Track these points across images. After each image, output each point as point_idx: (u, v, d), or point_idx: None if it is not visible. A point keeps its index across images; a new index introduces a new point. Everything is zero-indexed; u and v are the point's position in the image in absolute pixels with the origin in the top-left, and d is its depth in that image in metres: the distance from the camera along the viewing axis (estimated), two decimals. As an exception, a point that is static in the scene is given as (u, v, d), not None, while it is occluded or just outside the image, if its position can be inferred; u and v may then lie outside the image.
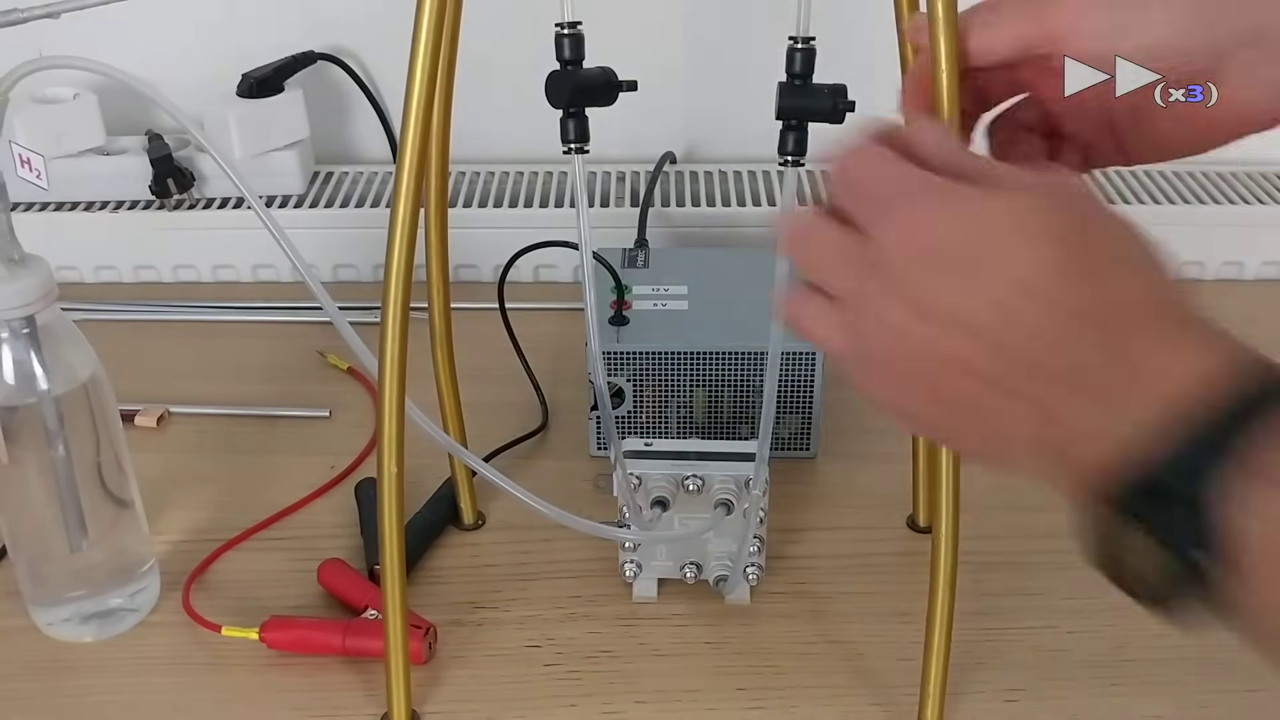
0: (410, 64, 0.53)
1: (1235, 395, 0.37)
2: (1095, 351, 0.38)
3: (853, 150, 0.44)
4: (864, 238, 0.42)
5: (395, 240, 0.55)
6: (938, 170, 0.42)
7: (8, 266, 0.63)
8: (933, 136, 0.44)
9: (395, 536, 0.60)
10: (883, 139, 0.44)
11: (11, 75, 0.60)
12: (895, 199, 0.41)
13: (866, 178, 0.43)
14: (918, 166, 0.42)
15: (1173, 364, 0.38)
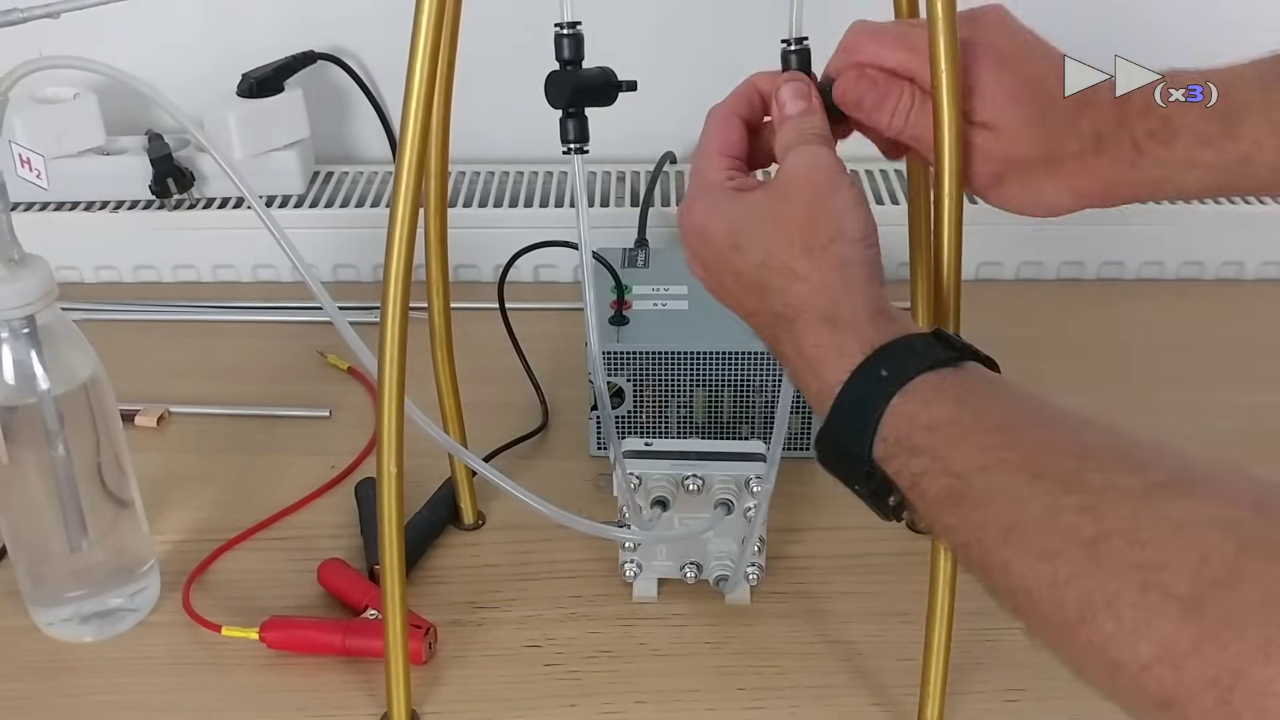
0: (410, 64, 0.53)
1: (875, 378, 0.46)
2: (787, 343, 0.51)
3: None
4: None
5: (395, 240, 0.55)
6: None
7: (8, 266, 0.63)
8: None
9: (395, 536, 0.60)
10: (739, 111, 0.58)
11: (11, 75, 0.61)
12: (692, 199, 0.55)
13: (693, 174, 0.57)
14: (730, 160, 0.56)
15: (827, 359, 0.48)
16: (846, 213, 0.52)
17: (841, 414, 0.47)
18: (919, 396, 0.46)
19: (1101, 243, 1.07)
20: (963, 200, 0.56)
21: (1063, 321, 1.03)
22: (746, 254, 0.52)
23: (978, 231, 1.00)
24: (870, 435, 0.46)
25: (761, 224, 0.52)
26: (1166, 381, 0.94)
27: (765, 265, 0.51)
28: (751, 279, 0.52)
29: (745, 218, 0.52)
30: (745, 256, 0.52)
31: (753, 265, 0.52)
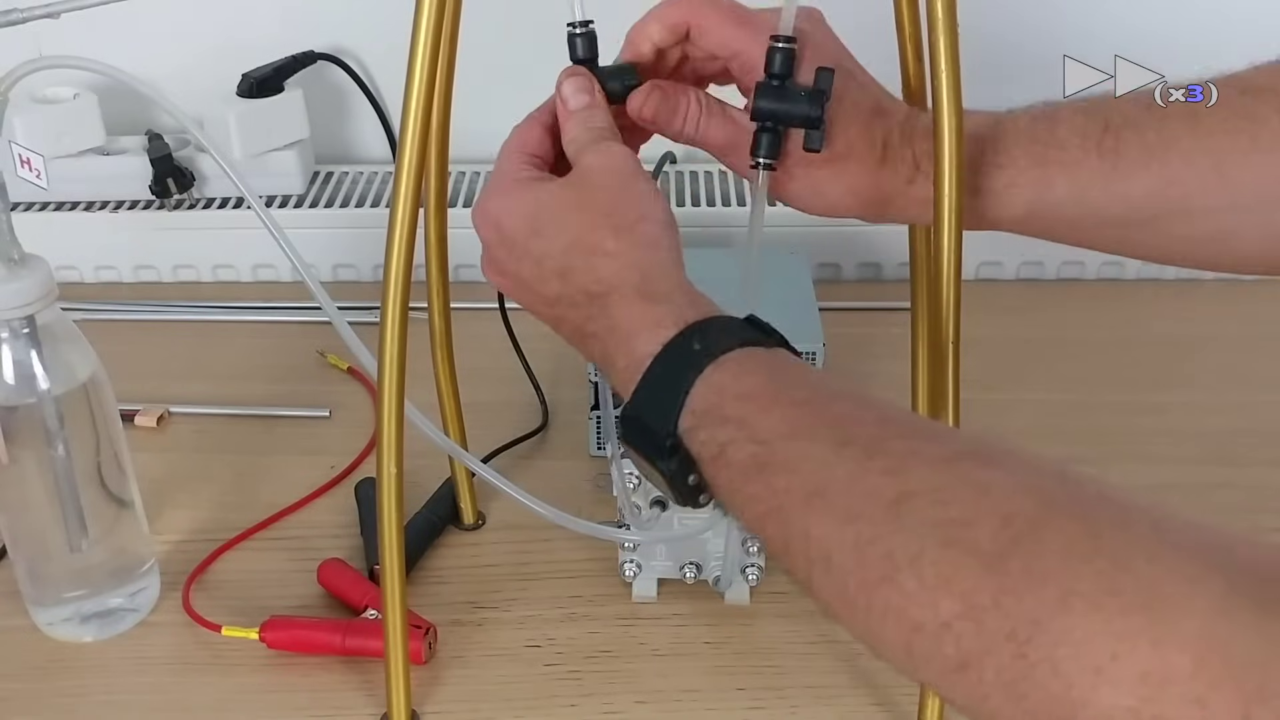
0: (410, 64, 0.53)
1: (689, 350, 0.47)
2: (598, 320, 0.50)
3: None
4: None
5: (395, 240, 0.55)
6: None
7: (8, 266, 0.63)
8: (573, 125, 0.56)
9: (395, 536, 0.60)
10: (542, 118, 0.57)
11: (12, 75, 0.61)
12: (486, 195, 0.54)
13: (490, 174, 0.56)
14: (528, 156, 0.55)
15: (639, 331, 0.48)
16: (649, 199, 0.52)
17: (651, 385, 0.47)
18: (730, 369, 0.46)
19: (1101, 243, 1.07)
20: (963, 200, 0.56)
21: (1063, 321, 1.03)
22: (549, 239, 0.51)
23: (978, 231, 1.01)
24: (679, 406, 0.46)
25: (564, 209, 0.52)
26: (1166, 381, 0.94)
27: (571, 247, 0.51)
28: (555, 264, 0.51)
29: (546, 204, 0.52)
30: (548, 241, 0.51)
31: (557, 249, 0.51)
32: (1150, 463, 0.85)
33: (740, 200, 1.08)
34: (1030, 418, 0.90)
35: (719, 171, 1.12)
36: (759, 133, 0.57)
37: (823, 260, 1.07)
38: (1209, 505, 0.81)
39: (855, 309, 1.02)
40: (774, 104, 0.55)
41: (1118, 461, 0.85)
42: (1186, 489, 0.82)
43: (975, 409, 0.74)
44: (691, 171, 1.12)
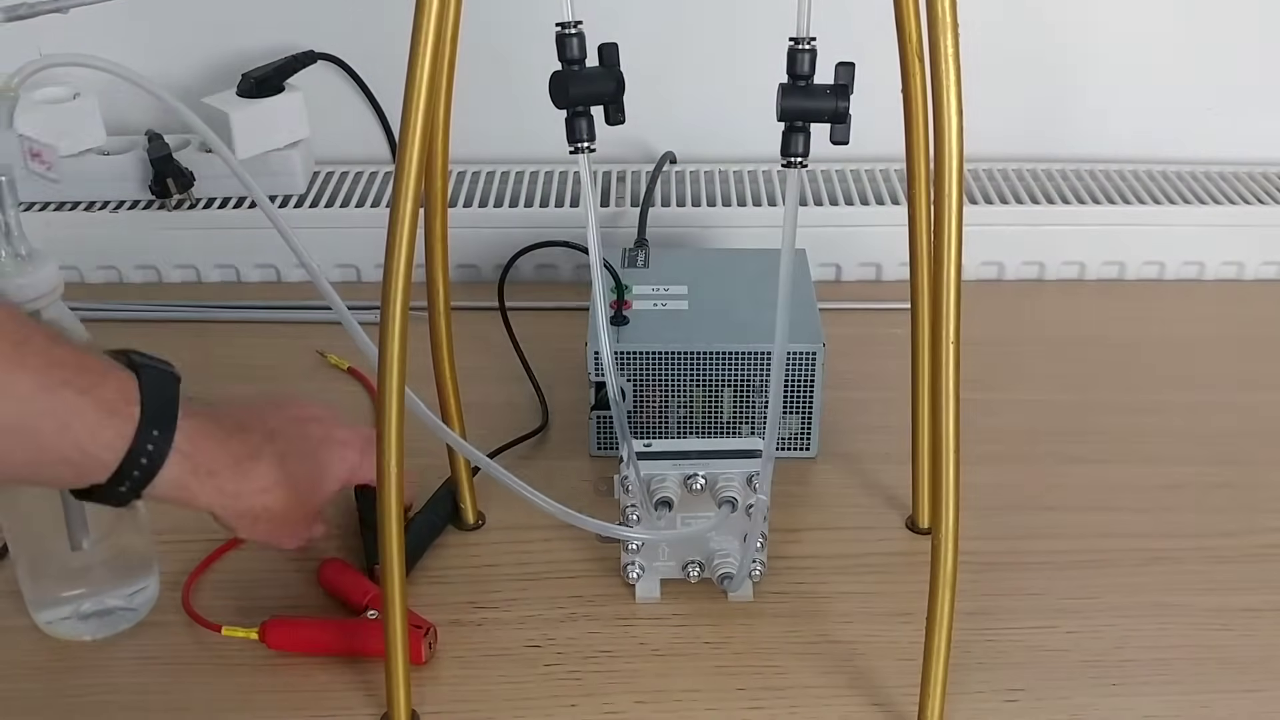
0: (410, 64, 0.53)
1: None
2: None
3: None
4: None
5: (395, 240, 0.55)
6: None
7: (15, 262, 0.63)
8: None
9: (395, 536, 0.60)
10: None
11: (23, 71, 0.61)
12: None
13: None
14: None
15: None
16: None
17: None
18: None
19: (1101, 243, 1.08)
20: (963, 200, 0.56)
21: (1063, 321, 1.03)
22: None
23: (978, 231, 1.01)
24: None
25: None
26: (1166, 381, 0.94)
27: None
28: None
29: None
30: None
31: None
32: (1150, 463, 0.85)
33: (740, 200, 1.08)
34: (1030, 418, 0.90)
35: (719, 171, 1.12)
36: (788, 132, 0.58)
37: (823, 260, 1.07)
38: (1209, 505, 0.81)
39: (855, 309, 1.02)
40: (800, 102, 0.57)
41: (1118, 461, 0.85)
42: (1186, 489, 0.82)
43: (975, 409, 0.74)
44: (691, 171, 1.12)
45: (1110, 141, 1.15)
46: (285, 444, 0.66)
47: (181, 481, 0.59)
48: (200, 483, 0.60)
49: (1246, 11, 1.10)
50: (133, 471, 0.56)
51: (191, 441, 0.58)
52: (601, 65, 0.60)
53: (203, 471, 0.60)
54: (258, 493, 0.63)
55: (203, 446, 0.60)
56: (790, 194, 0.60)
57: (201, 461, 0.59)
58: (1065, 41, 1.11)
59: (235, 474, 0.62)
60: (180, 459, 0.58)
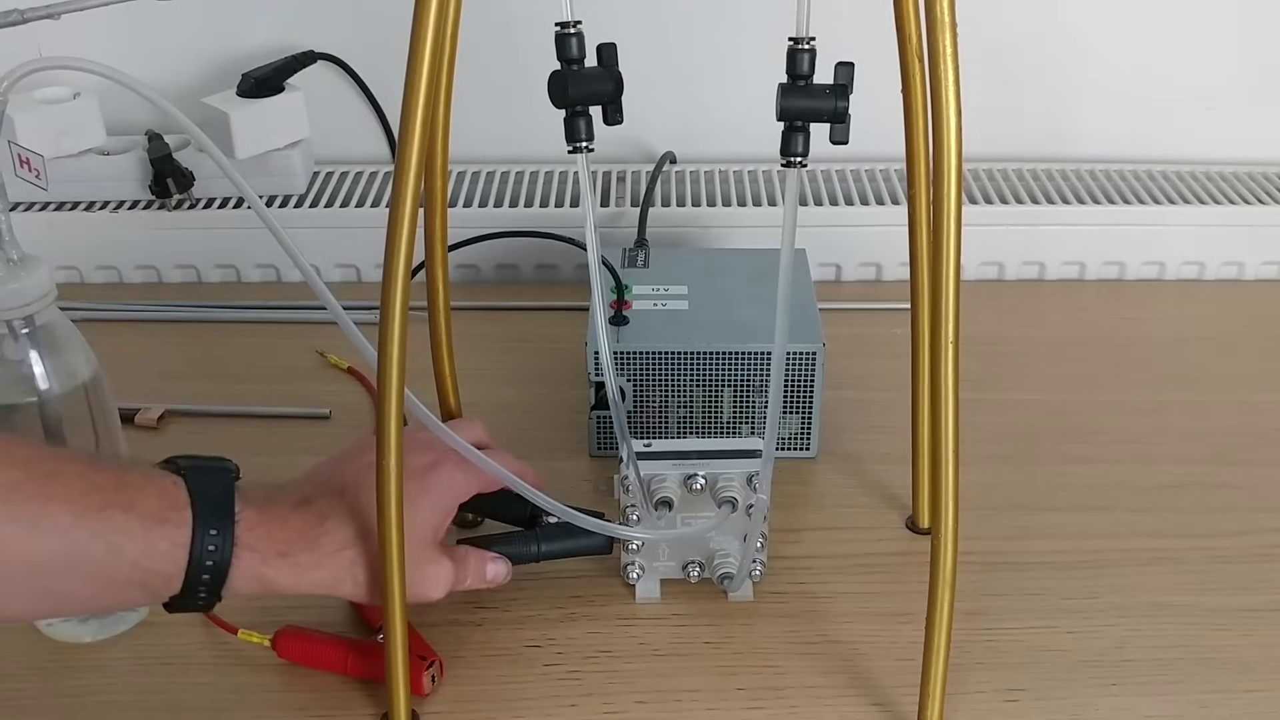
0: (410, 64, 0.53)
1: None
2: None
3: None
4: None
5: (395, 240, 0.55)
6: None
7: (7, 267, 0.63)
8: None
9: (395, 536, 0.60)
10: None
11: (11, 75, 0.60)
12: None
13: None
14: None
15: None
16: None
17: None
18: None
19: (1102, 243, 1.08)
20: (962, 200, 0.56)
21: (1063, 321, 1.03)
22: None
23: (978, 231, 1.01)
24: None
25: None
26: (1166, 381, 0.94)
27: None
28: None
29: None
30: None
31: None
32: (1150, 463, 0.85)
33: (740, 200, 1.08)
34: (1030, 418, 0.90)
35: (719, 171, 1.12)
36: (788, 132, 0.58)
37: (823, 260, 1.07)
38: (1209, 505, 0.81)
39: (855, 309, 1.02)
40: (800, 102, 0.57)
41: (1118, 461, 0.85)
42: (1186, 489, 0.82)
43: (975, 409, 0.74)
44: (691, 172, 1.12)
45: (1110, 141, 1.15)
46: (354, 493, 0.63)
47: (257, 573, 0.57)
48: (276, 570, 0.58)
49: (1246, 11, 1.10)
50: (201, 575, 0.55)
51: (253, 531, 0.57)
52: (600, 65, 0.60)
53: (274, 556, 0.58)
54: (337, 554, 0.61)
55: (267, 532, 0.58)
56: (790, 194, 0.60)
57: (271, 547, 0.58)
58: (1065, 41, 1.11)
59: (307, 546, 0.60)
60: (246, 551, 0.57)
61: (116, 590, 0.55)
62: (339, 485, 0.63)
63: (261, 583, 0.58)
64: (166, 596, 0.56)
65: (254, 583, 0.58)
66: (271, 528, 0.59)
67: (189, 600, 0.56)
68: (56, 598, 0.55)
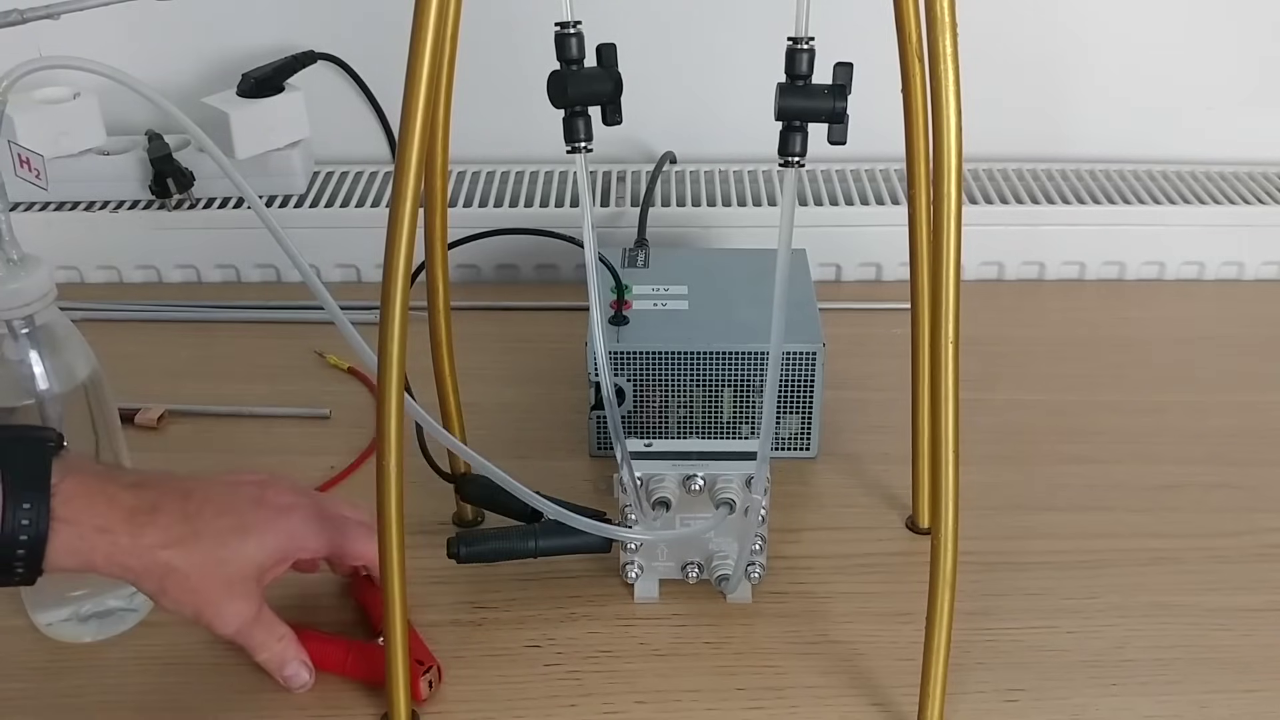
0: (410, 64, 0.53)
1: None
2: None
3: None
4: None
5: (395, 240, 0.55)
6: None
7: (7, 267, 0.63)
8: None
9: (395, 536, 0.60)
10: None
11: (11, 75, 0.60)
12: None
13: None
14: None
15: None
16: None
17: None
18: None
19: (1101, 243, 1.08)
20: (962, 200, 0.56)
21: (1063, 321, 1.03)
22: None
23: (978, 231, 1.01)
24: None
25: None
26: (1166, 381, 0.94)
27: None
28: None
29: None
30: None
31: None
32: (1150, 463, 0.85)
33: (740, 200, 1.08)
34: (1030, 418, 0.90)
35: (719, 171, 1.12)
36: (786, 132, 0.58)
37: (823, 260, 1.07)
38: (1209, 505, 0.81)
39: (855, 309, 1.02)
40: (798, 102, 0.56)
41: (1118, 461, 0.85)
42: (1186, 489, 0.82)
43: (975, 409, 0.74)
44: (691, 172, 1.12)
45: (1110, 141, 1.15)
46: (200, 503, 0.61)
47: (74, 547, 0.56)
48: (93, 545, 0.56)
49: (1246, 11, 1.10)
50: (15, 550, 0.54)
51: (71, 504, 0.55)
52: (600, 66, 0.60)
53: (92, 531, 0.56)
54: (156, 548, 0.58)
55: (88, 506, 0.56)
56: (787, 194, 0.59)
57: (90, 521, 0.56)
58: (1065, 41, 1.11)
59: (130, 528, 0.57)
60: (64, 525, 0.55)
61: None
62: (187, 488, 0.62)
63: (81, 557, 0.56)
64: None
65: (74, 557, 0.56)
66: (94, 501, 0.57)
67: (5, 574, 0.55)
68: None
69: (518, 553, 0.72)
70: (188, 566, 0.59)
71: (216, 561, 0.60)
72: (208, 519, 0.60)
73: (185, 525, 0.60)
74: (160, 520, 0.59)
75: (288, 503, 0.65)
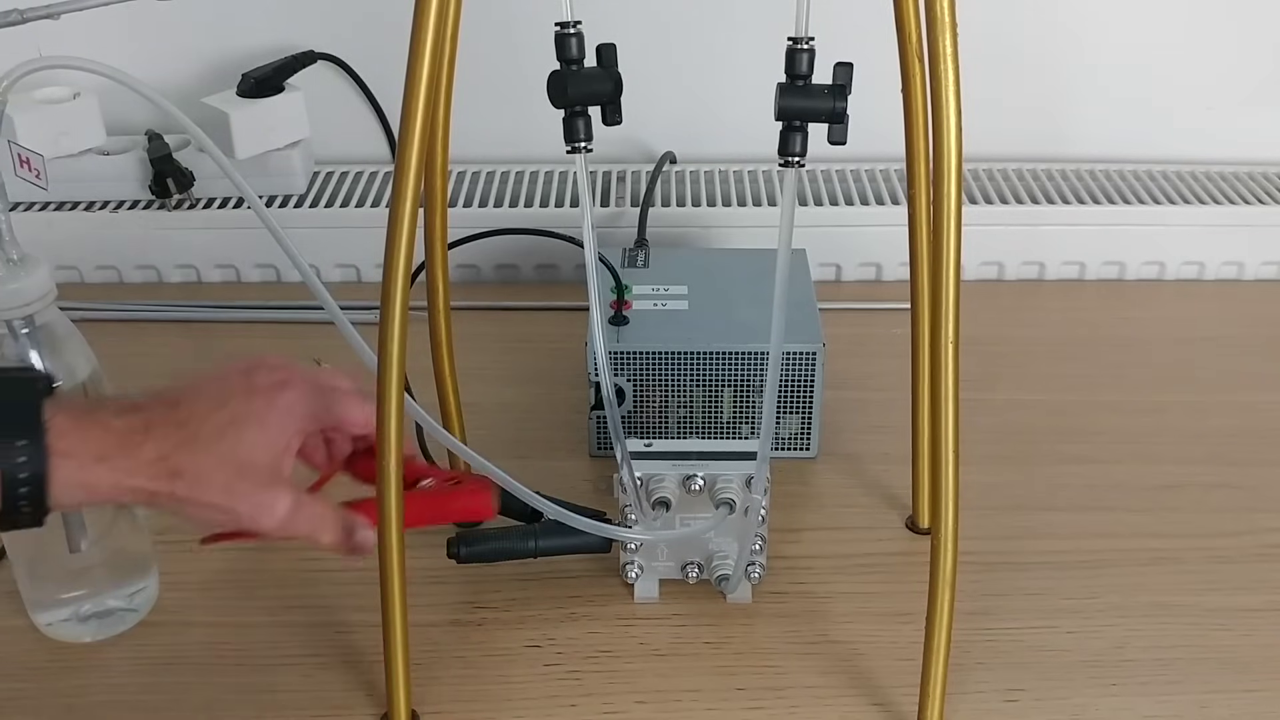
0: (410, 64, 0.53)
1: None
2: None
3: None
4: None
5: (395, 240, 0.55)
6: None
7: (6, 267, 0.63)
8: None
9: (395, 536, 0.60)
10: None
11: (11, 75, 0.60)
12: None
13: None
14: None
15: None
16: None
17: None
18: None
19: (1101, 243, 1.08)
20: (962, 200, 0.56)
21: (1063, 321, 1.03)
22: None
23: (978, 231, 1.01)
24: None
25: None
26: (1166, 381, 0.94)
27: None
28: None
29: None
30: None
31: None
32: (1150, 463, 0.85)
33: (740, 200, 1.08)
34: (1030, 418, 0.90)
35: (719, 171, 1.12)
36: (786, 132, 0.58)
37: (823, 260, 1.07)
38: (1209, 505, 0.81)
39: (855, 309, 1.02)
40: (798, 102, 0.56)
41: (1118, 461, 0.85)
42: (1186, 489, 0.82)
43: (975, 409, 0.74)
44: (691, 172, 1.12)
45: (1110, 141, 1.15)
46: (190, 406, 0.59)
47: (77, 480, 0.55)
48: (96, 475, 0.55)
49: (1246, 11, 1.10)
50: (18, 489, 0.53)
51: (67, 437, 0.54)
52: (600, 66, 0.60)
53: (91, 461, 0.55)
54: (156, 461, 0.57)
55: (83, 437, 0.55)
56: (787, 194, 0.60)
57: (88, 451, 0.55)
58: (1065, 41, 1.11)
59: (126, 449, 0.56)
60: (62, 459, 0.54)
61: None
62: (175, 398, 0.60)
63: (85, 489, 0.56)
64: None
65: (77, 490, 0.55)
66: (88, 433, 0.56)
67: (13, 515, 0.54)
68: None
69: (518, 553, 0.72)
70: (193, 467, 0.58)
71: (220, 456, 0.58)
72: (201, 418, 0.58)
73: (180, 431, 0.58)
74: (155, 434, 0.57)
75: (279, 380, 0.62)
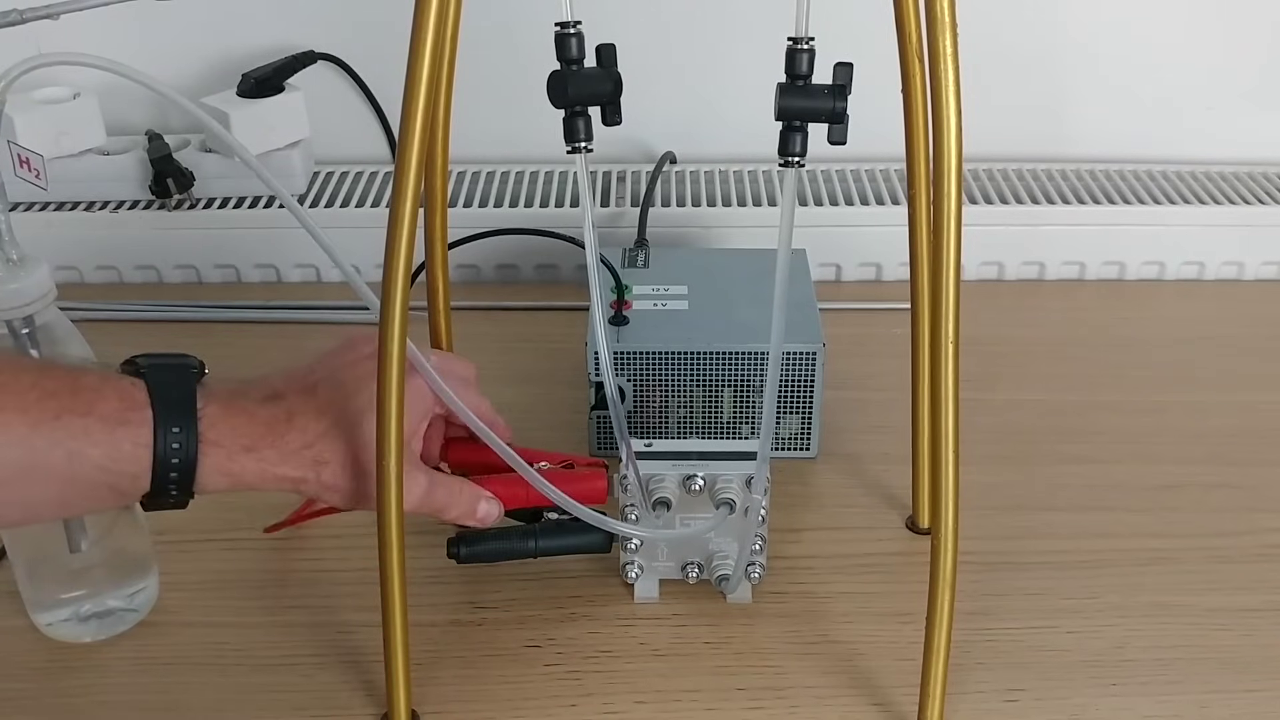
0: (410, 64, 0.53)
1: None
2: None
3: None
4: None
5: (395, 240, 0.55)
6: None
7: (6, 267, 0.63)
8: None
9: (395, 536, 0.60)
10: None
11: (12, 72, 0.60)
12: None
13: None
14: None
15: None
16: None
17: None
18: None
19: (1101, 243, 1.08)
20: (962, 200, 0.56)
21: (1063, 321, 1.03)
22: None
23: (978, 231, 1.01)
24: None
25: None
26: (1166, 381, 0.94)
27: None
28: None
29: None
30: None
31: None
32: (1150, 463, 0.85)
33: (740, 200, 1.08)
34: (1030, 418, 0.90)
35: (719, 171, 1.12)
36: (786, 132, 0.58)
37: (823, 260, 1.07)
38: (1209, 505, 0.81)
39: (855, 309, 1.02)
40: (798, 102, 0.57)
41: (1118, 461, 0.85)
42: (1186, 489, 0.82)
43: (975, 409, 0.74)
44: (691, 172, 1.12)
45: (1110, 141, 1.15)
46: (327, 394, 0.62)
47: (224, 468, 0.57)
48: (242, 464, 0.58)
49: (1246, 11, 1.10)
50: (169, 474, 0.55)
51: (217, 426, 0.57)
52: (600, 66, 0.60)
53: (239, 451, 0.58)
54: (300, 450, 0.60)
55: (231, 426, 0.58)
56: (787, 194, 0.60)
57: (236, 442, 0.58)
58: (1065, 41, 1.11)
59: (272, 440, 0.59)
60: (212, 447, 0.56)
61: (85, 494, 0.55)
62: (311, 383, 0.63)
63: (230, 478, 0.58)
64: (138, 496, 0.56)
65: (223, 478, 0.57)
66: (236, 423, 0.58)
67: (161, 498, 0.56)
68: (25, 507, 0.55)
69: (518, 553, 0.72)
70: (336, 456, 0.61)
71: (360, 445, 0.61)
72: (339, 407, 0.61)
73: (321, 420, 0.61)
74: (297, 423, 0.60)
75: (407, 365, 0.64)
